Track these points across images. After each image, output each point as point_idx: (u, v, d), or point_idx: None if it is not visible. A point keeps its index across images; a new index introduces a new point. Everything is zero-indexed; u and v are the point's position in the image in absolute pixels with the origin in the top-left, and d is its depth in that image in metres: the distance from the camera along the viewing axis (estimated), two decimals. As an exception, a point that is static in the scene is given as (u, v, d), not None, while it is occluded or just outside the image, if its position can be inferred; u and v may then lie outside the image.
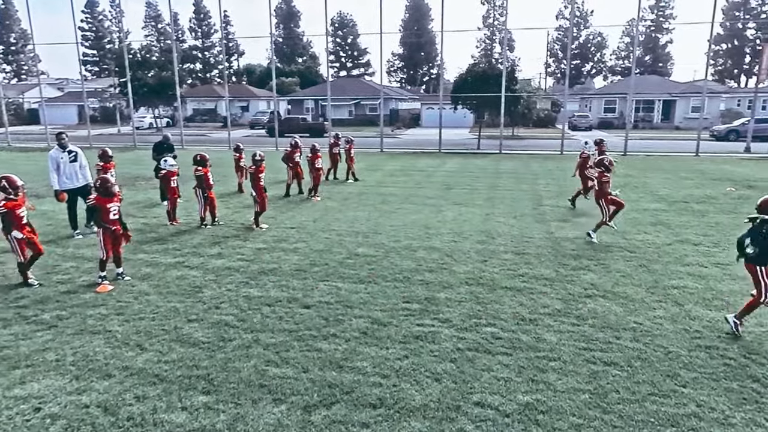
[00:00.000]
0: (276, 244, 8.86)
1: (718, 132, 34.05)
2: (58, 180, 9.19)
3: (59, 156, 9.21)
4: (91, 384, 4.46)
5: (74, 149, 9.44)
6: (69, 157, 9.29)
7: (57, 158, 9.19)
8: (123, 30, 38.61)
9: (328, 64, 33.98)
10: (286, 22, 79.80)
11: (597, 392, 4.32)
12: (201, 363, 4.81)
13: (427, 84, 78.34)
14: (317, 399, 4.23)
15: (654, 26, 69.61)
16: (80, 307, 6.15)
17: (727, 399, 4.21)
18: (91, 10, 72.05)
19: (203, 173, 9.87)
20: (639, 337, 5.33)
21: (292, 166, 13.50)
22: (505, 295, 6.49)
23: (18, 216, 6.69)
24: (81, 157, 9.50)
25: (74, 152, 9.40)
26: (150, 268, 7.57)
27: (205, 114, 57.51)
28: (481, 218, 10.86)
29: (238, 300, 6.35)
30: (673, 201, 12.64)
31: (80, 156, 9.49)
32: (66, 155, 9.27)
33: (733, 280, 6.99)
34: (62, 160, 9.21)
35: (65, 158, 9.25)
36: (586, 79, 72.17)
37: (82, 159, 9.51)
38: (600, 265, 7.66)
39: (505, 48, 30.35)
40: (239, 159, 14.33)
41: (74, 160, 9.36)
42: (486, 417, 3.99)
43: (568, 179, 16.41)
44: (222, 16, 32.26)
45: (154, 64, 44.04)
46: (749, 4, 64.54)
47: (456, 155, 24.97)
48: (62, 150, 9.26)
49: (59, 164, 9.18)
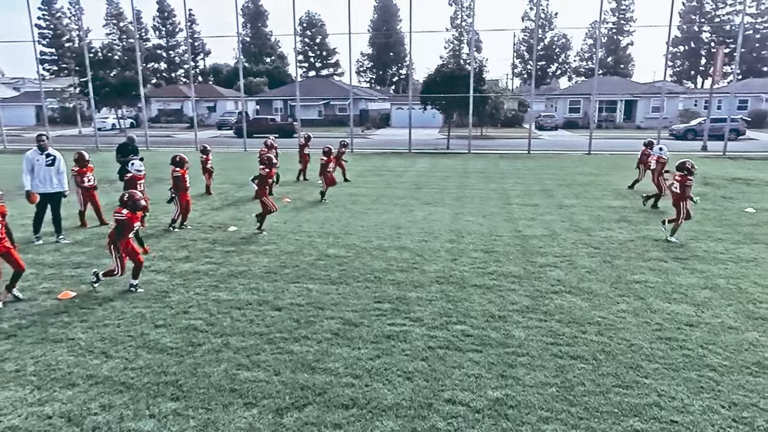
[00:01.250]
0: (245, 247, 8.76)
1: (676, 131, 35.34)
2: (31, 182, 8.73)
3: (35, 158, 8.78)
4: (54, 394, 4.33)
5: (53, 153, 8.97)
6: (46, 160, 8.84)
7: (33, 160, 8.76)
8: (83, 28, 37.35)
9: (297, 64, 33.76)
10: (254, 22, 78.86)
11: (564, 385, 4.43)
12: (169, 369, 4.72)
13: (397, 84, 78.67)
14: (289, 401, 4.21)
15: (615, 29, 71.70)
16: (41, 315, 5.94)
17: (686, 388, 4.39)
18: (49, 8, 69.57)
19: (181, 174, 9.70)
20: (603, 330, 5.50)
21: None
22: (474, 293, 6.58)
23: None
24: (59, 162, 9.02)
25: (53, 156, 8.93)
26: (115, 274, 7.37)
27: (171, 115, 56.31)
28: (450, 217, 10.98)
29: (207, 304, 6.26)
30: (635, 198, 13.05)
31: (59, 161, 9.01)
32: (43, 158, 8.82)
33: (691, 273, 7.28)
34: (38, 162, 8.77)
35: (41, 161, 8.80)
36: (551, 80, 73.82)
37: (60, 164, 9.03)
38: (566, 262, 7.86)
39: (472, 49, 30.74)
40: (206, 161, 14.07)
41: (51, 164, 8.89)
42: (457, 413, 4.05)
43: (535, 178, 16.76)
44: (187, 14, 31.58)
45: (116, 63, 42.87)
46: (704, 8, 67.21)
47: (426, 155, 25.15)
48: (40, 152, 8.82)
49: (34, 166, 8.75)
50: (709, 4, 67.62)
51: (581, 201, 12.77)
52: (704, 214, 11.24)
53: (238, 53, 35.66)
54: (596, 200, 12.85)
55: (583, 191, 14.16)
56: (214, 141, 33.73)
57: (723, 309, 6.03)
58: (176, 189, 9.76)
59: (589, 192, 14.07)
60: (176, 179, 9.74)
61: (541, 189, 14.68)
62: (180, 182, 9.74)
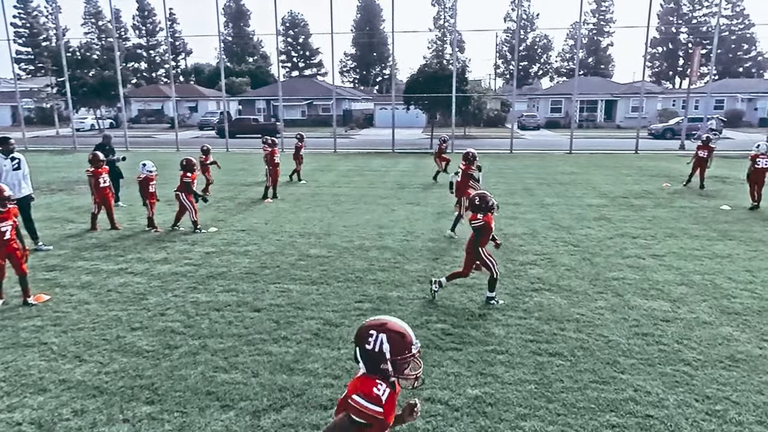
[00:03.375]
0: (225, 248, 8.66)
1: (655, 130, 35.92)
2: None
3: (2, 163, 8.35)
4: (24, 400, 4.22)
5: (17, 156, 8.58)
6: (12, 164, 8.44)
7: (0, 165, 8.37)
8: (60, 27, 36.65)
9: (280, 64, 33.53)
10: (236, 21, 78.20)
11: (542, 382, 4.46)
12: (145, 372, 4.63)
13: (380, 84, 78.63)
14: (267, 403, 4.16)
15: (596, 29, 72.67)
16: (12, 319, 5.79)
17: (661, 382, 4.45)
18: (24, 6, 68.05)
19: (191, 180, 9.60)
20: (582, 327, 5.55)
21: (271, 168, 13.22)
22: (455, 291, 6.60)
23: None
24: (24, 165, 8.65)
25: (17, 159, 8.54)
26: (90, 276, 7.23)
27: (151, 115, 55.51)
28: (433, 217, 11.00)
29: (185, 306, 6.16)
30: (614, 197, 13.23)
31: (23, 163, 8.64)
32: (9, 162, 8.41)
33: (668, 270, 7.39)
34: (5, 167, 8.35)
35: (8, 166, 8.38)
36: (533, 80, 74.50)
37: (25, 167, 8.66)
38: (546, 260, 7.92)
39: (455, 49, 30.88)
40: (205, 160, 13.93)
41: (17, 167, 8.50)
42: (436, 412, 4.05)
43: (517, 177, 16.88)
44: (167, 13, 31.19)
45: (95, 62, 42.10)
46: (681, 10, 68.49)
47: (409, 155, 25.18)
48: (5, 156, 8.40)
49: (2, 172, 8.32)
50: (686, 6, 68.93)
51: (562, 200, 12.89)
52: (681, 211, 11.43)
53: (220, 53, 35.32)
54: (577, 199, 12.99)
55: (564, 190, 14.30)
56: (196, 141, 33.35)
57: (698, 305, 6.14)
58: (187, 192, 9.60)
59: (570, 191, 14.21)
60: (187, 185, 9.58)
61: (522, 188, 14.79)
62: (190, 187, 9.62)
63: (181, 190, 9.56)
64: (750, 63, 68.39)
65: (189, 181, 9.56)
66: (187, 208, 9.61)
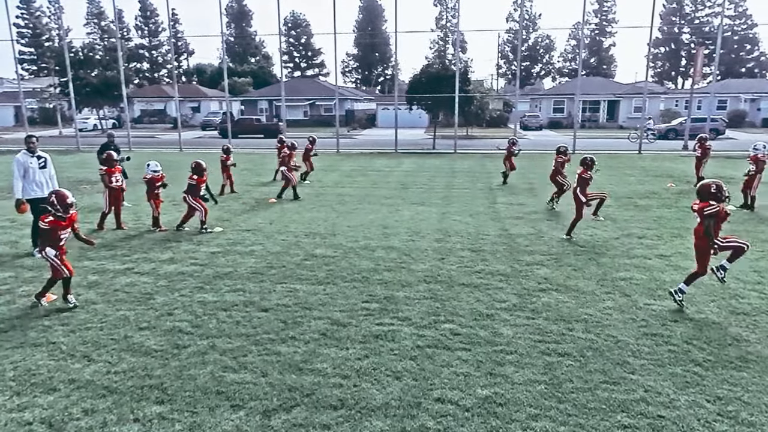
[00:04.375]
0: (231, 248, 8.66)
1: (658, 131, 35.82)
2: (25, 188, 8.18)
3: (28, 161, 8.22)
4: (34, 399, 4.22)
5: (43, 155, 8.48)
6: (39, 162, 8.34)
7: (26, 163, 8.20)
8: (63, 27, 36.68)
9: (282, 64, 33.56)
10: (238, 22, 78.28)
11: (552, 383, 4.45)
12: (154, 372, 4.63)
13: (383, 84, 78.69)
14: (277, 403, 4.16)
15: (598, 30, 72.59)
16: (21, 318, 5.80)
17: (672, 383, 4.43)
18: (27, 6, 68.22)
19: (196, 183, 9.60)
20: (590, 327, 5.53)
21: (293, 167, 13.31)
22: (462, 291, 6.59)
23: (58, 236, 6.05)
24: (50, 164, 8.57)
25: (44, 158, 8.45)
26: (97, 276, 7.24)
27: (154, 115, 55.62)
28: (437, 217, 10.99)
29: (192, 306, 6.16)
30: (618, 197, 13.20)
31: (49, 163, 8.56)
32: (35, 161, 8.31)
33: (675, 270, 7.37)
34: (31, 165, 8.24)
35: (35, 164, 8.28)
36: (535, 80, 74.46)
37: (51, 167, 8.57)
38: (552, 260, 7.90)
39: (457, 49, 30.87)
40: (226, 160, 13.98)
41: (44, 166, 8.41)
42: (446, 412, 4.04)
43: (521, 177, 16.85)
44: (170, 13, 31.23)
45: (97, 63, 42.20)
46: (684, 10, 68.38)
47: (412, 155, 25.17)
48: (31, 155, 8.29)
49: (27, 170, 8.21)
50: (689, 6, 68.84)
51: (567, 200, 12.83)
52: (686, 211, 11.38)
53: (222, 53, 35.38)
54: (581, 199, 12.93)
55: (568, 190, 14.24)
56: (199, 142, 33.40)
57: (706, 305, 6.12)
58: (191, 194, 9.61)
59: (574, 191, 14.14)
60: (192, 187, 9.59)
61: (527, 188, 14.77)
62: (197, 190, 9.63)
63: (187, 192, 9.58)
64: (753, 63, 68.28)
65: (194, 183, 9.57)
66: (197, 209, 9.62)
